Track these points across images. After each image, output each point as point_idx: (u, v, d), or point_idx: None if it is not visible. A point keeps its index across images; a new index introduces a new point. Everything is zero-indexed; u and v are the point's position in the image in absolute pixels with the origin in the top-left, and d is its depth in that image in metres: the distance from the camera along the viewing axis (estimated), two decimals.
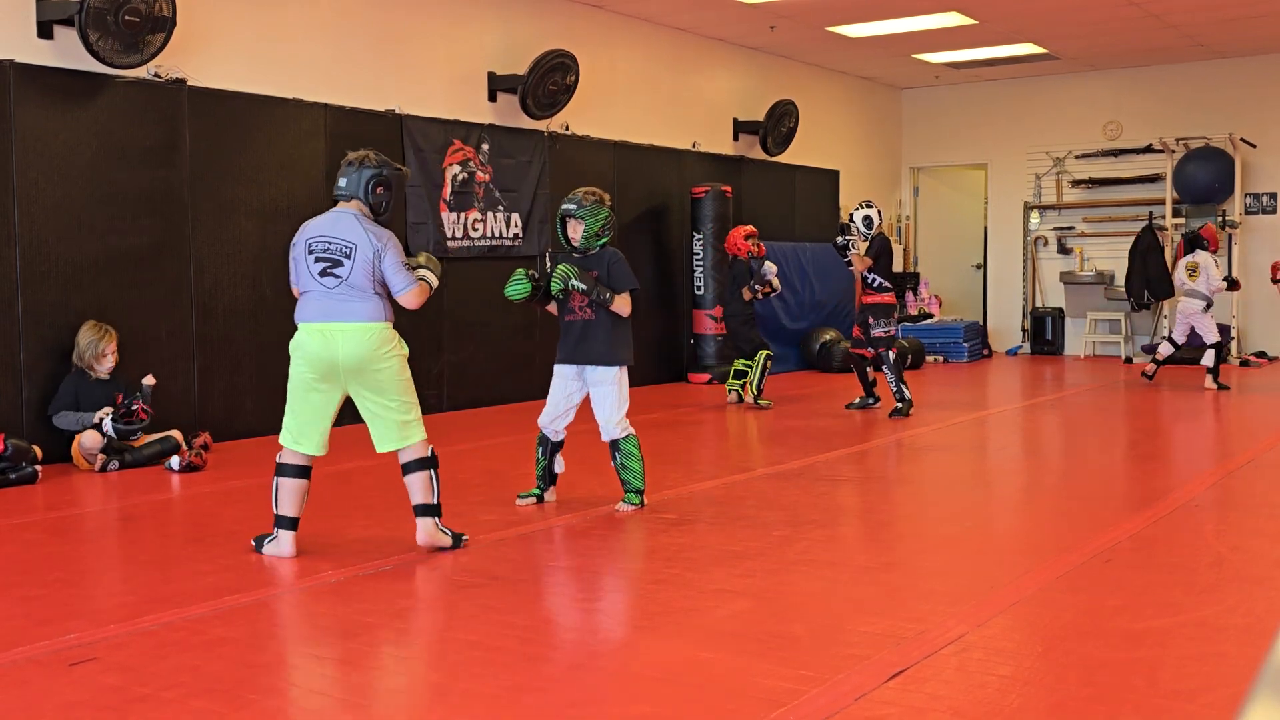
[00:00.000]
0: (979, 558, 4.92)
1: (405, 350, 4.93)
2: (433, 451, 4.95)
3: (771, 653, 3.55)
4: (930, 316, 15.10)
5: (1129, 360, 14.18)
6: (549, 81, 10.21)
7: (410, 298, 4.86)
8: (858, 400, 9.67)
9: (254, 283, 8.37)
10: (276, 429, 9.07)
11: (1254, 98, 14.01)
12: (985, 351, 14.98)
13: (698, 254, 11.97)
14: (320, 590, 4.35)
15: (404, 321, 10.22)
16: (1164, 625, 3.80)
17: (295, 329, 4.95)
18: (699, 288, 12.00)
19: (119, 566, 4.88)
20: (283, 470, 4.90)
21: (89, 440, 6.93)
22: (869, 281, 9.42)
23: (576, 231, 5.66)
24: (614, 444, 5.70)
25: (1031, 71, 14.86)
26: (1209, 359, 10.92)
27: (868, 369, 9.59)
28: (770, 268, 9.98)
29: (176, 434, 7.23)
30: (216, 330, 8.16)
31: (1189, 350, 13.49)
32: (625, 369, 5.72)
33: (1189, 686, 3.26)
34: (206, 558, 4.88)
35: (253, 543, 4.98)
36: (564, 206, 5.69)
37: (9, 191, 7.09)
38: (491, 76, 10.20)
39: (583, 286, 5.55)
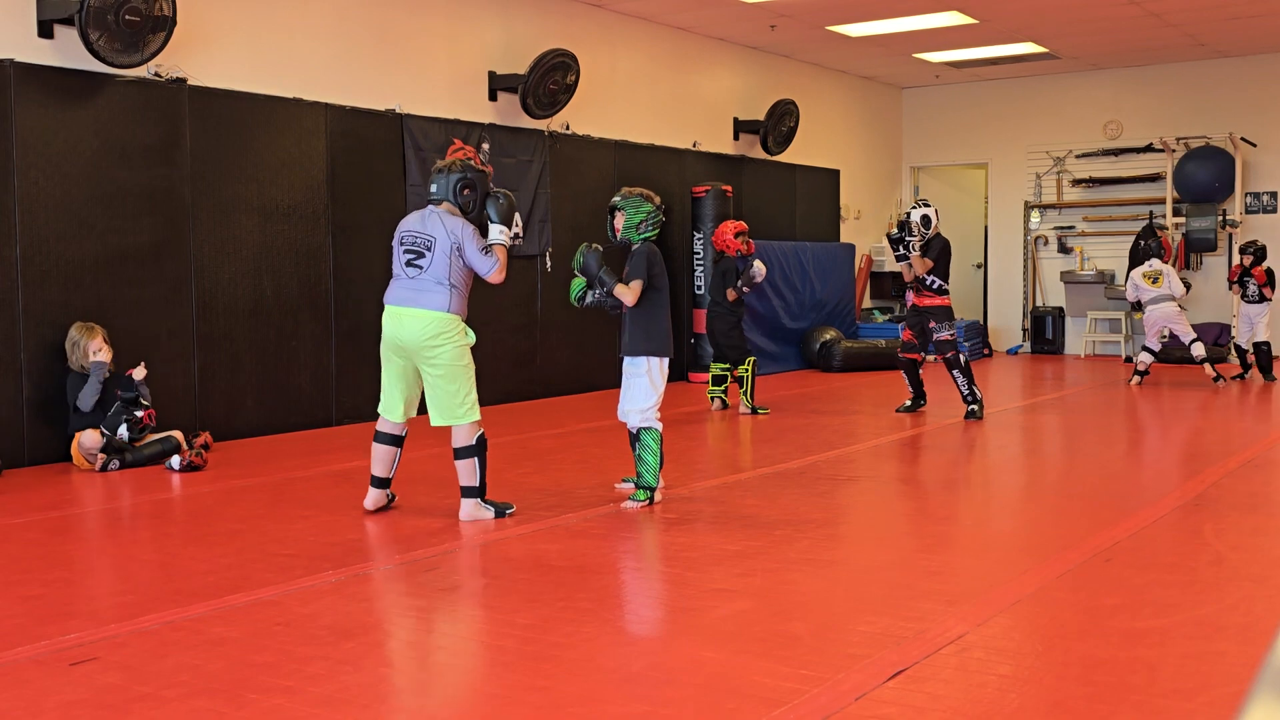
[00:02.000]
0: (979, 557, 4.92)
1: (469, 339, 5.50)
2: (480, 438, 5.47)
3: (772, 652, 3.55)
4: None
5: (1129, 359, 14.18)
6: (549, 81, 10.22)
7: (495, 276, 5.49)
8: (909, 403, 9.45)
9: (255, 282, 8.37)
10: (277, 428, 9.11)
11: (1254, 97, 14.01)
12: (986, 351, 14.99)
13: (698, 253, 11.98)
14: (321, 589, 4.35)
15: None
16: (1163, 624, 3.81)
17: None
18: (699, 287, 12.00)
19: (119, 566, 4.88)
20: (376, 436, 5.65)
21: (89, 440, 6.93)
22: (927, 283, 9.18)
23: (619, 222, 5.93)
24: (636, 433, 5.82)
25: (1032, 71, 14.86)
26: (1199, 351, 11.29)
27: (915, 371, 9.41)
28: (759, 269, 9.43)
29: (177, 434, 7.23)
30: (217, 329, 8.16)
31: (1187, 349, 13.52)
32: (659, 361, 5.89)
33: (1188, 685, 3.26)
34: (207, 557, 4.89)
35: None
36: (613, 200, 6.01)
37: (9, 191, 7.09)
38: (492, 76, 10.21)
39: (584, 264, 5.84)
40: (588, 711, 3.16)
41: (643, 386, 5.84)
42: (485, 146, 10.09)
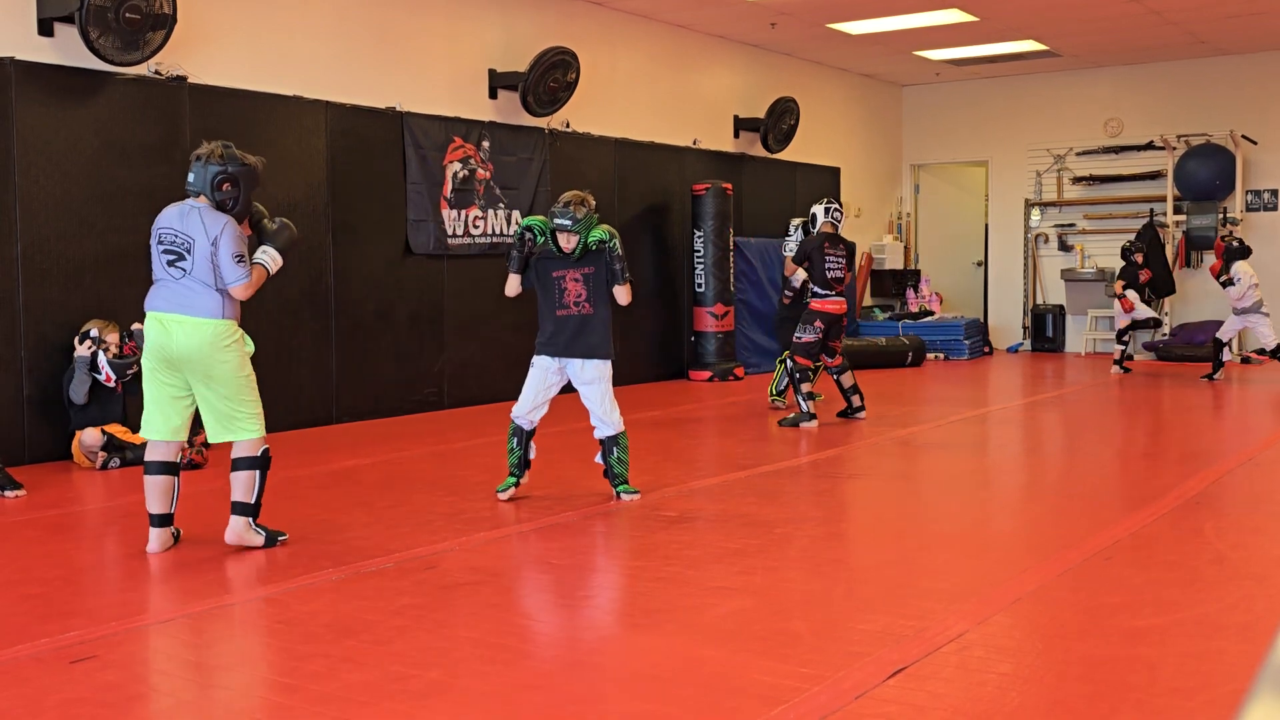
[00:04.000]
0: (979, 555, 4.92)
1: (248, 347, 5.00)
2: (265, 453, 4.97)
3: (772, 650, 3.55)
4: (931, 314, 15.10)
5: (1130, 357, 14.16)
6: (550, 79, 10.21)
7: (240, 290, 4.85)
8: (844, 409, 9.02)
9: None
10: (277, 426, 9.07)
11: (1255, 94, 14.00)
12: (986, 349, 14.98)
13: (698, 251, 11.97)
14: (321, 587, 4.35)
15: (404, 320, 10.17)
16: (1164, 623, 3.81)
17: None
18: (700, 285, 11.99)
19: (119, 564, 4.88)
20: (147, 467, 4.94)
21: (89, 438, 6.93)
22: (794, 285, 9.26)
23: (569, 243, 5.65)
24: (612, 439, 5.73)
25: (1032, 68, 14.85)
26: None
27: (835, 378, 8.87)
28: (800, 275, 9.22)
29: None
30: None
31: (1190, 348, 13.51)
32: (611, 363, 5.80)
33: (1188, 684, 3.26)
34: (206, 555, 4.88)
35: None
36: (557, 221, 5.65)
37: (10, 189, 7.09)
38: (492, 74, 10.20)
39: (620, 250, 5.64)
40: (587, 710, 3.15)
41: (610, 391, 5.73)
42: (486, 144, 10.08)
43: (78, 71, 7.39)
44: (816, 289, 8.47)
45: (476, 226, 9.98)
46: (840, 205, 8.81)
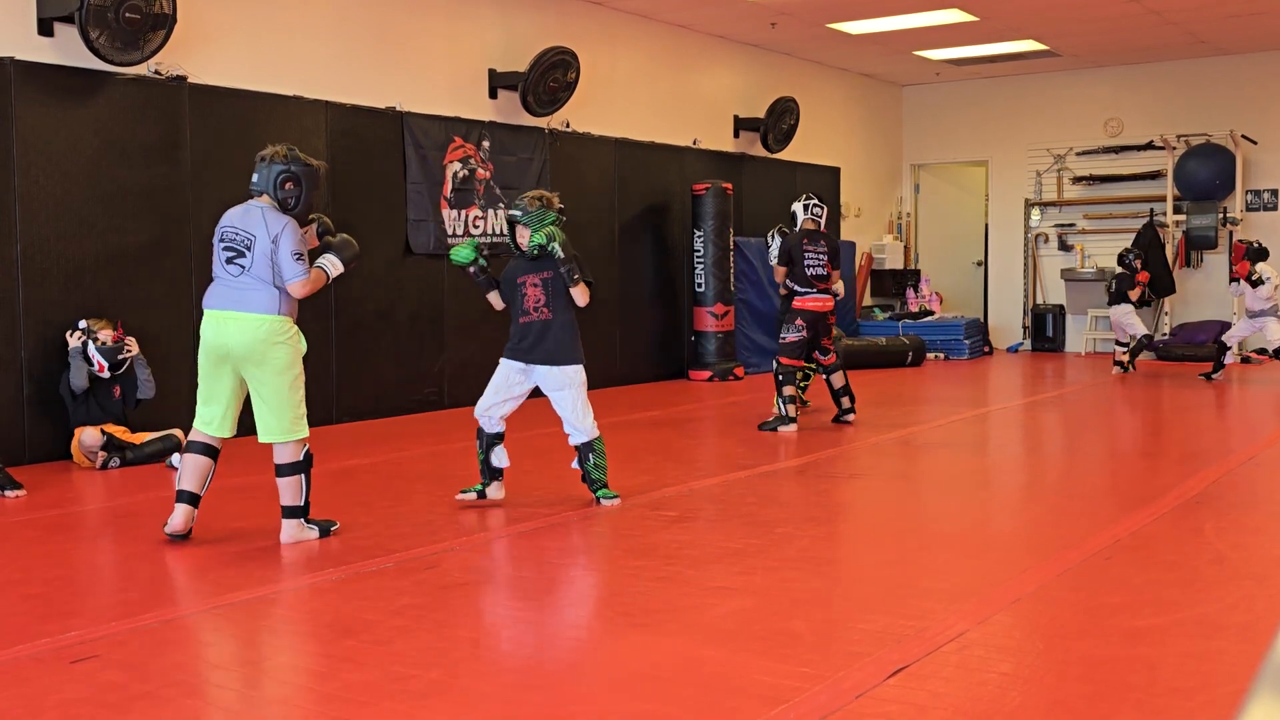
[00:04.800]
0: (979, 555, 4.92)
1: (301, 346, 5.03)
2: (307, 454, 5.04)
3: (772, 650, 3.55)
4: (931, 313, 15.10)
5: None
6: (550, 78, 10.21)
7: (297, 287, 4.93)
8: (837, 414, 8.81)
9: None
10: None
11: (1255, 94, 14.00)
12: (986, 348, 14.98)
13: (698, 251, 11.97)
14: (321, 587, 4.35)
15: (405, 319, 10.16)
16: (1164, 623, 3.81)
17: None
18: (700, 285, 11.99)
19: (120, 564, 4.88)
20: (188, 446, 5.08)
21: (89, 438, 6.93)
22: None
23: (523, 237, 5.63)
24: (587, 445, 5.67)
25: (1032, 68, 14.85)
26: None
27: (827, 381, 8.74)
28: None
29: (177, 432, 7.22)
30: None
31: (1190, 347, 13.51)
32: (583, 367, 5.69)
33: (1189, 684, 3.26)
34: (207, 555, 4.88)
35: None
36: (510, 213, 5.70)
37: (10, 189, 7.09)
38: (492, 73, 10.20)
39: (561, 253, 5.52)
40: (588, 710, 3.15)
41: (581, 397, 5.63)
42: (486, 144, 10.08)
43: (77, 71, 7.39)
44: (796, 287, 8.36)
45: (477, 226, 9.98)
46: (820, 201, 8.64)
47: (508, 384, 5.70)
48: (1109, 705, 3.10)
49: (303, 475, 5.01)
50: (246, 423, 4.87)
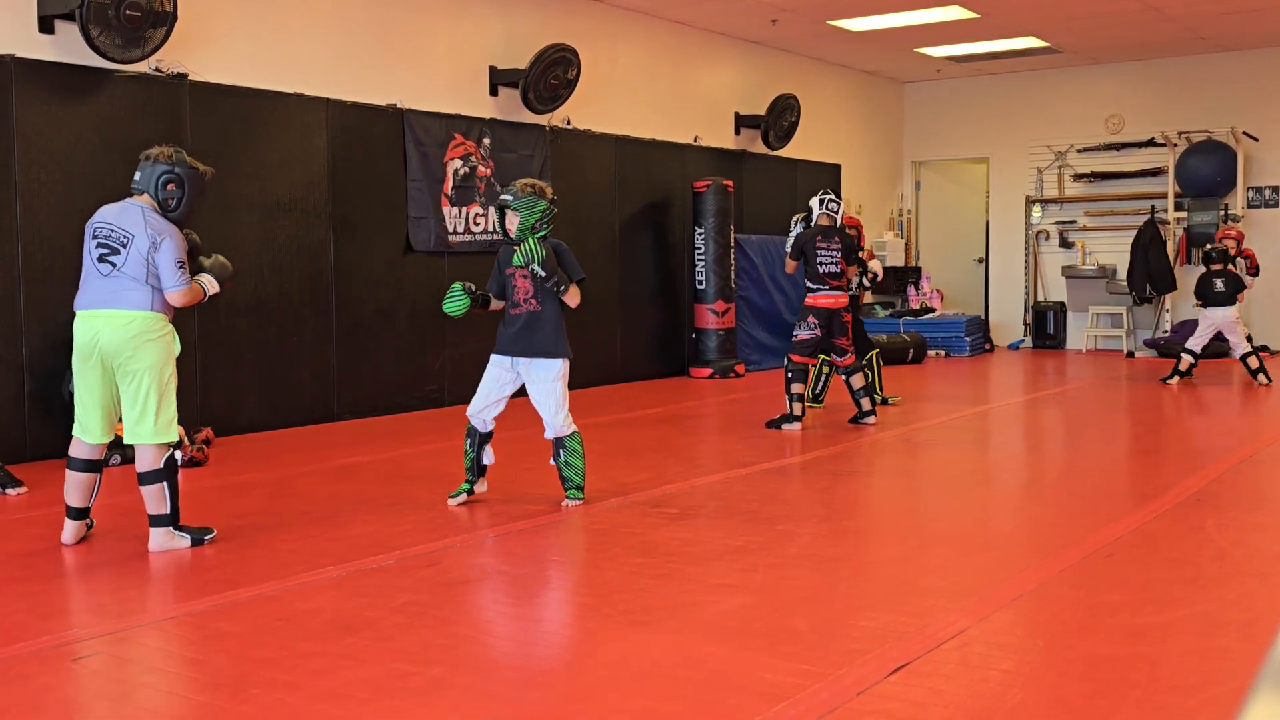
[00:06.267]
0: (980, 553, 4.92)
1: (175, 347, 4.93)
2: (169, 460, 4.90)
3: (773, 647, 3.55)
4: (932, 311, 15.09)
5: (1131, 354, 14.18)
6: (550, 76, 10.20)
7: (177, 296, 4.86)
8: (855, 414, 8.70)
9: (256, 278, 8.37)
10: (279, 424, 9.08)
11: (1256, 91, 13.99)
12: (987, 346, 14.98)
13: (699, 248, 11.96)
14: (322, 584, 4.36)
15: (405, 317, 10.11)
16: (1165, 620, 3.81)
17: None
18: (700, 282, 11.99)
19: (121, 561, 4.88)
20: (70, 463, 4.96)
21: None
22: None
23: (512, 223, 5.58)
24: (559, 441, 5.63)
25: (1033, 65, 14.84)
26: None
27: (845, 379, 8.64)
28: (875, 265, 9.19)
29: (179, 429, 7.22)
30: (218, 325, 8.16)
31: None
32: (568, 363, 5.66)
33: (1190, 681, 3.26)
34: (209, 552, 4.89)
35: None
36: (502, 197, 5.65)
37: (11, 187, 7.09)
38: (493, 71, 10.20)
39: (542, 272, 5.48)
40: (589, 707, 3.16)
41: (558, 392, 5.59)
42: (486, 142, 10.08)
43: (78, 69, 7.38)
44: (809, 284, 8.36)
45: (477, 224, 9.98)
46: (837, 196, 8.62)
47: (498, 384, 5.69)
48: (1110, 703, 3.10)
49: (165, 483, 4.86)
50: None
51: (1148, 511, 5.45)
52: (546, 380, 5.59)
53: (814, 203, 8.55)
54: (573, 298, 5.59)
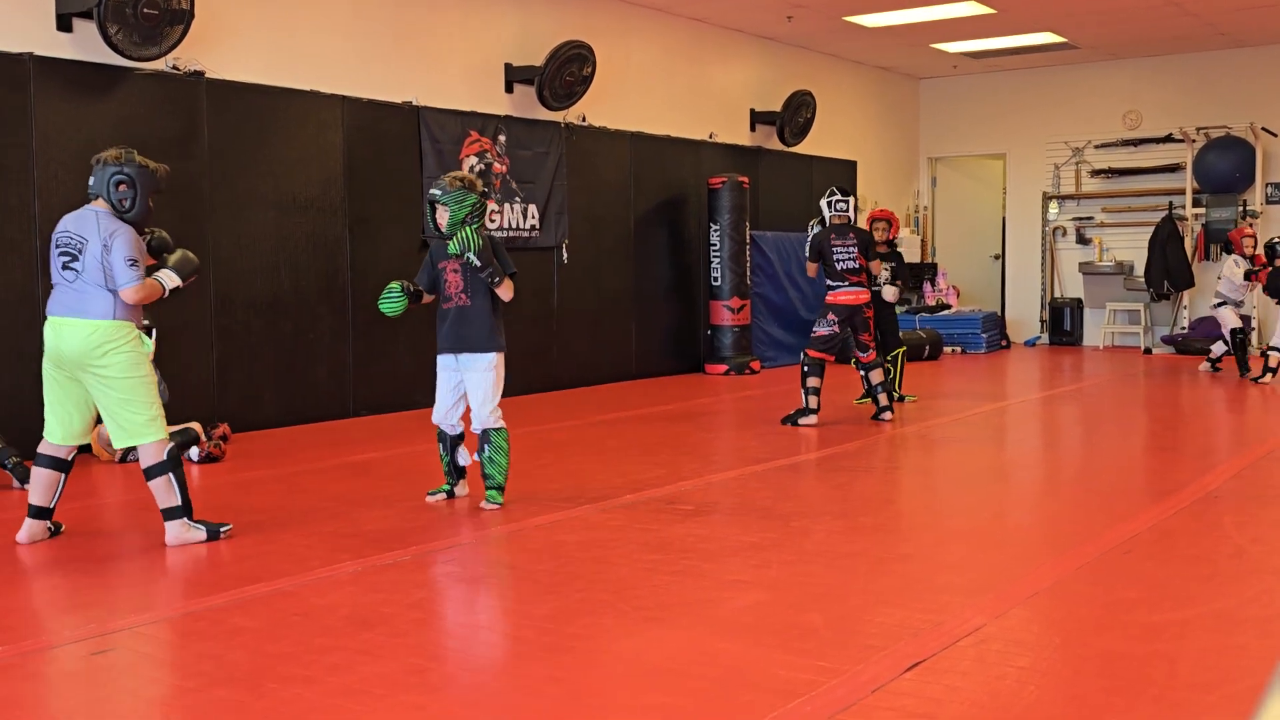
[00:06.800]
0: (997, 549, 4.91)
1: (145, 349, 4.97)
2: (171, 453, 4.92)
3: (788, 644, 3.55)
4: (948, 307, 15.05)
5: (1148, 351, 14.12)
6: (566, 73, 10.21)
7: (130, 293, 4.84)
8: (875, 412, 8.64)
9: (272, 274, 8.40)
10: (295, 420, 9.11)
11: (1275, 87, 13.90)
12: (1003, 342, 14.93)
13: (715, 245, 11.95)
14: (338, 580, 4.37)
15: (421, 313, 10.21)
16: (1183, 617, 3.79)
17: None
18: (716, 278, 11.98)
19: (138, 557, 4.91)
20: (36, 459, 5.01)
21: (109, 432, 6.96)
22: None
23: (443, 218, 5.55)
24: (484, 434, 5.61)
25: (1050, 61, 14.78)
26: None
27: (864, 374, 8.64)
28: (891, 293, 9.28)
29: (195, 425, 7.25)
30: (235, 322, 8.19)
31: (1207, 341, 13.43)
32: (502, 356, 5.63)
33: (1208, 679, 3.25)
34: (225, 548, 4.91)
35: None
36: (431, 192, 5.63)
37: (29, 184, 7.12)
38: (508, 68, 10.20)
39: (478, 262, 5.47)
40: (604, 703, 3.16)
41: (488, 383, 5.57)
42: (502, 139, 10.09)
43: (96, 67, 7.42)
44: (829, 281, 8.41)
45: (493, 220, 9.98)
46: (842, 194, 8.57)
47: (451, 386, 5.68)
48: (1126, 700, 3.09)
49: (170, 475, 4.88)
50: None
51: (1165, 508, 5.43)
52: (478, 371, 5.58)
53: (823, 205, 8.60)
54: (506, 291, 5.58)
